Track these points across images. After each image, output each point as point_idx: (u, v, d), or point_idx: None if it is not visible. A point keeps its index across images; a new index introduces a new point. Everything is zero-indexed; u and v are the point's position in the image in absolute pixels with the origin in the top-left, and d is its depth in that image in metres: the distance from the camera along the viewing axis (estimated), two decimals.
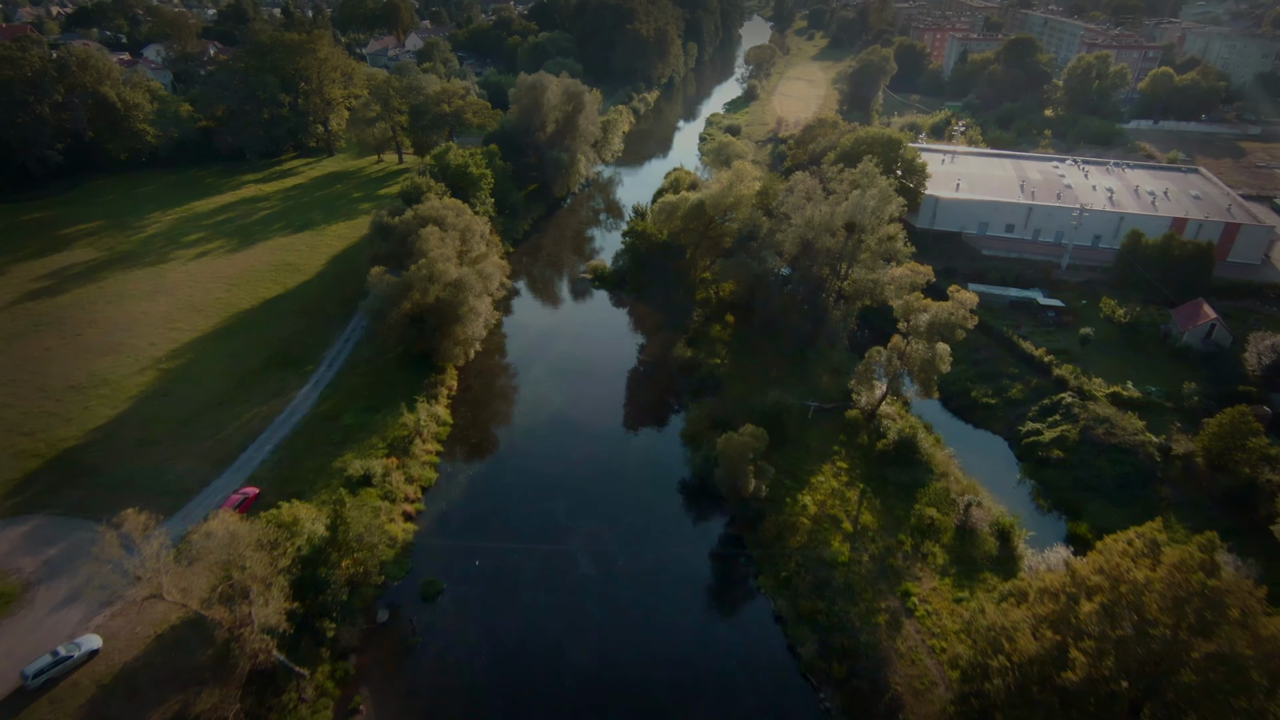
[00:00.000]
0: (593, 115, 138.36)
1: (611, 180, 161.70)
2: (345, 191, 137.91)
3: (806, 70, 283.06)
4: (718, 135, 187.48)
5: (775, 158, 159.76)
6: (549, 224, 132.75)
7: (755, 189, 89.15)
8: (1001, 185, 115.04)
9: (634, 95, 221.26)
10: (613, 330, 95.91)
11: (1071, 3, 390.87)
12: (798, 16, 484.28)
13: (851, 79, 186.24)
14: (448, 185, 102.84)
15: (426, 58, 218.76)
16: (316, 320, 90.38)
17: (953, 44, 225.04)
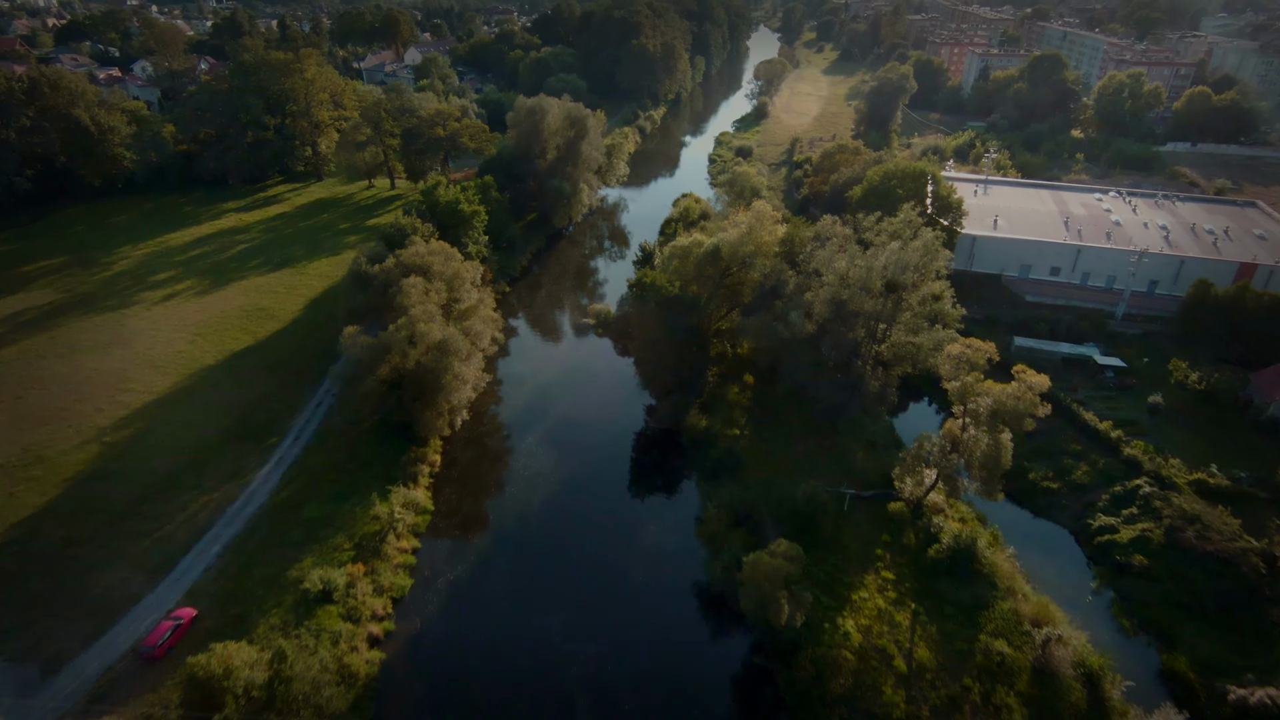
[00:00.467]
0: (596, 140, 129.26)
1: (616, 206, 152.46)
2: (331, 222, 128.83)
3: (818, 85, 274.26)
4: (727, 156, 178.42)
5: (791, 184, 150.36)
6: (549, 257, 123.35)
7: (778, 235, 79.50)
8: (1043, 222, 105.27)
9: (640, 113, 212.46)
10: (617, 389, 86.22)
11: (1088, 14, 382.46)
12: (806, 28, 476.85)
13: (869, 98, 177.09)
14: (437, 224, 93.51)
15: (424, 74, 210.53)
16: (287, 379, 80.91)
17: (972, 60, 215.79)
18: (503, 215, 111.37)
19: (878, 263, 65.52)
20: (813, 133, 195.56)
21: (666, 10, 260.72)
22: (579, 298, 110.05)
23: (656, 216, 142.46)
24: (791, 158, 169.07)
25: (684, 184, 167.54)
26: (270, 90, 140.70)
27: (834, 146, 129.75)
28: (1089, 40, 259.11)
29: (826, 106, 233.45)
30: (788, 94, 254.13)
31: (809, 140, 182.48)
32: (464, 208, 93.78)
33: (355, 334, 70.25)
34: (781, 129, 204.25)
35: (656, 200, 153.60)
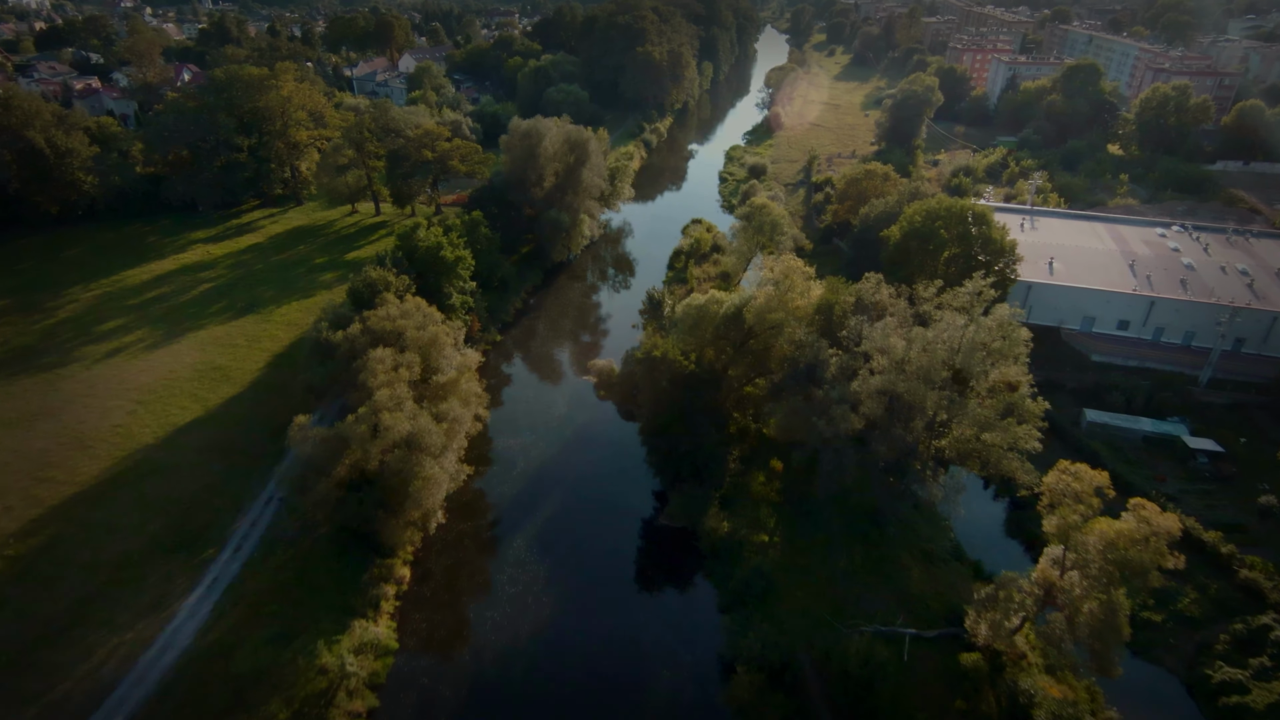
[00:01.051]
0: (599, 165, 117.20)
1: (621, 231, 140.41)
2: (307, 255, 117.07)
3: (831, 92, 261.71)
4: (739, 175, 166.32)
5: (811, 209, 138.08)
6: (547, 296, 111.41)
7: (813, 298, 67.45)
8: (1104, 264, 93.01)
9: (645, 125, 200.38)
10: (621, 467, 74.29)
11: (1108, 16, 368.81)
12: (815, 30, 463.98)
13: (892, 112, 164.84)
14: (416, 272, 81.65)
15: (417, 84, 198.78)
16: (235, 463, 69.18)
17: (999, 68, 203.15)
18: (493, 253, 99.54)
19: (941, 347, 53.40)
20: (830, 147, 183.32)
21: (673, 14, 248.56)
22: (579, 348, 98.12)
23: (665, 243, 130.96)
24: (809, 177, 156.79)
25: (693, 203, 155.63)
26: (243, 108, 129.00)
27: (859, 172, 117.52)
28: (1118, 46, 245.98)
29: (842, 117, 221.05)
30: (800, 102, 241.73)
31: (827, 157, 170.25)
32: (446, 254, 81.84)
33: (306, 426, 58.50)
34: (796, 142, 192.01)
35: (664, 223, 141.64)
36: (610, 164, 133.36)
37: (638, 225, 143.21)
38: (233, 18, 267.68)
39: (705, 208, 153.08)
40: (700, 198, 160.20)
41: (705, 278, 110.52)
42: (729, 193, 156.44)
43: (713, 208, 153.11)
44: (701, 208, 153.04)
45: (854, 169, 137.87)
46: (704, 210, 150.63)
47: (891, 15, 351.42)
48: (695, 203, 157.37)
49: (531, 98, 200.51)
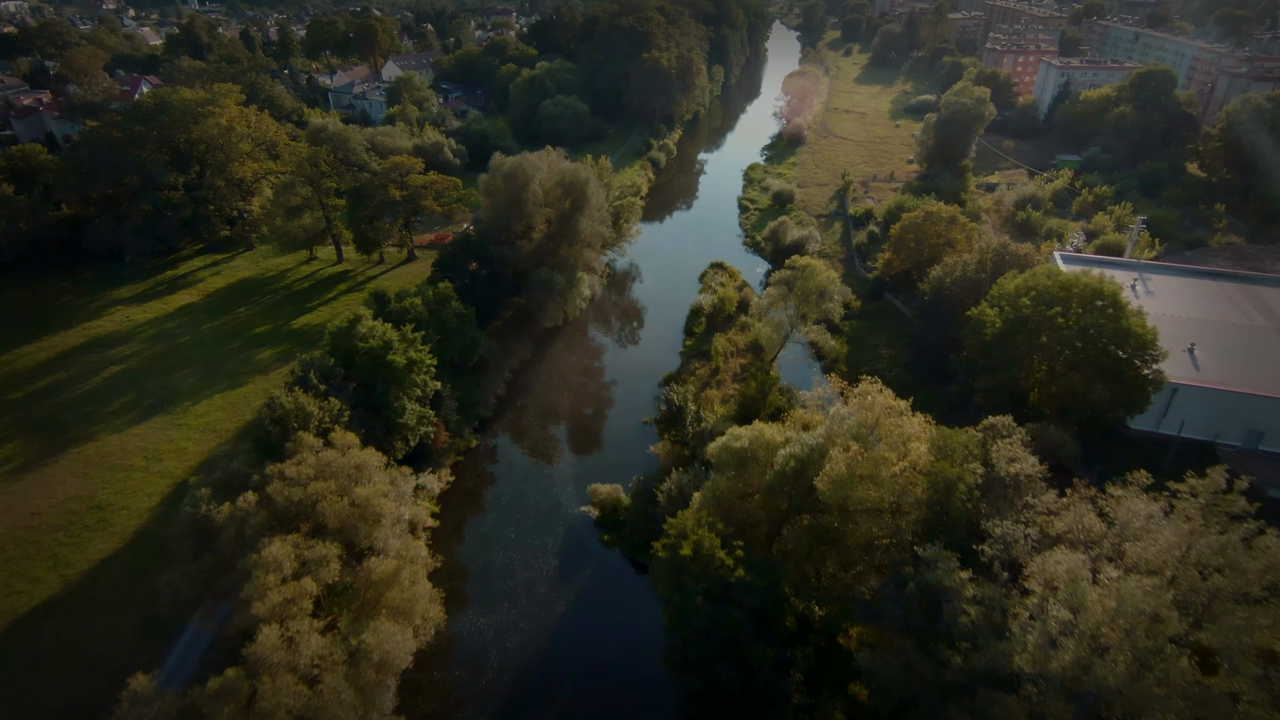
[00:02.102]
0: (600, 207, 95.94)
1: (628, 276, 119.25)
2: (247, 321, 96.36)
3: (854, 98, 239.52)
4: (762, 202, 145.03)
5: (854, 251, 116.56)
6: (537, 375, 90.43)
7: (915, 455, 46.07)
8: (1256, 346, 71.65)
9: (653, 142, 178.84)
10: (635, 684, 53.27)
11: (1146, 10, 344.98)
12: (828, 26, 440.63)
13: (939, 128, 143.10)
14: (359, 384, 60.91)
15: (396, 97, 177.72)
16: (76, 687, 48.56)
17: (1049, 73, 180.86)
18: (469, 330, 78.57)
19: (1164, 593, 32.26)
20: (862, 167, 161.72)
21: (681, 15, 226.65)
22: (576, 453, 77.09)
23: (679, 291, 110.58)
24: (844, 206, 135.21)
25: (709, 234, 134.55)
26: (176, 139, 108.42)
27: (917, 213, 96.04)
28: (1171, 44, 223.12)
29: (870, 128, 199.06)
30: (820, 110, 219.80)
31: (861, 181, 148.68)
32: (396, 359, 60.80)
33: (145, 693, 37.82)
34: (822, 160, 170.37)
35: (678, 265, 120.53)
36: (614, 200, 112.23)
37: (647, 266, 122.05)
38: (203, 22, 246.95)
39: (724, 241, 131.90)
40: (717, 228, 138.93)
41: (732, 350, 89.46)
42: (751, 226, 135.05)
43: (732, 242, 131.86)
44: (720, 240, 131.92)
45: (903, 204, 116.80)
46: (722, 245, 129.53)
47: (914, 12, 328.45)
48: (712, 234, 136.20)
49: (525, 112, 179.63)
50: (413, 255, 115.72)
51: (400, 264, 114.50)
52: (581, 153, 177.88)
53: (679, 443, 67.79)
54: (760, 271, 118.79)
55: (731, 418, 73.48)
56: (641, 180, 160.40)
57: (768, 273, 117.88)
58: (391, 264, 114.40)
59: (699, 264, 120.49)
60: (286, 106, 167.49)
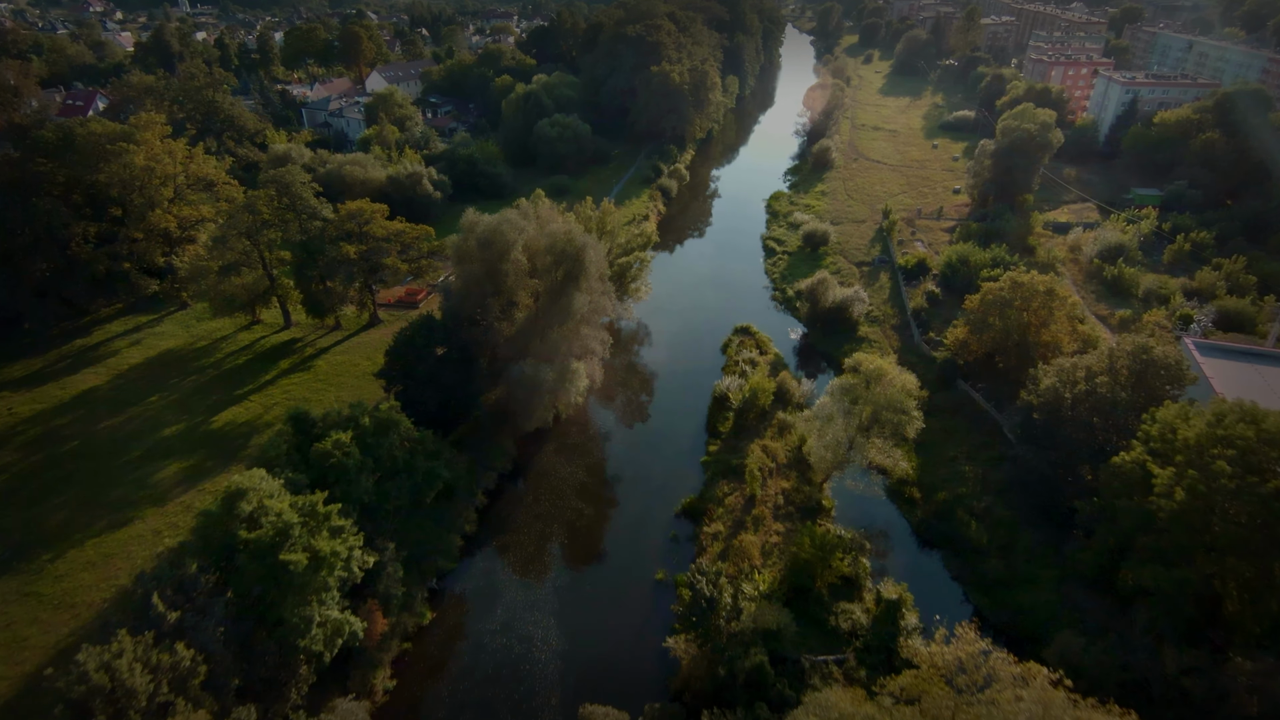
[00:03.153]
0: (599, 273, 75.67)
1: (634, 340, 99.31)
2: (156, 418, 76.61)
3: (882, 112, 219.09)
4: (790, 243, 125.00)
5: (911, 317, 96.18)
6: (515, 500, 70.12)
7: None
8: None
9: (662, 166, 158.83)
10: None
11: (1189, 15, 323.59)
12: (845, 28, 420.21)
13: (996, 159, 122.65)
14: (239, 594, 41.06)
15: (374, 116, 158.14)
16: None
17: (1110, 90, 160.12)
18: (424, 464, 58.62)
19: None
20: (902, 197, 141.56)
21: (693, 22, 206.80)
22: (564, 633, 57.01)
23: (698, 359, 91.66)
24: (891, 254, 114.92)
25: (731, 280, 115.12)
26: (83, 181, 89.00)
27: (1003, 286, 75.64)
28: (1233, 53, 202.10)
29: (904, 148, 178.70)
30: (847, 127, 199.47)
31: (906, 218, 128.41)
32: (294, 558, 40.66)
33: None
34: (855, 187, 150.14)
35: (695, 326, 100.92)
36: (618, 256, 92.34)
37: (659, 326, 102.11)
38: (173, 29, 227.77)
39: (748, 291, 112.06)
40: (739, 274, 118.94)
41: (770, 466, 69.41)
42: (780, 274, 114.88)
43: (757, 293, 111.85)
44: (743, 291, 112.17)
45: (966, 256, 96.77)
46: (747, 296, 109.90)
47: (940, 17, 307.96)
48: (733, 281, 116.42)
49: (519, 133, 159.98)
50: (376, 319, 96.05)
51: (360, 330, 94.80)
52: (583, 178, 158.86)
53: (709, 646, 47.83)
54: (795, 337, 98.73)
55: (778, 594, 53.63)
56: (650, 213, 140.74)
57: (804, 336, 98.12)
58: (350, 330, 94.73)
59: (720, 324, 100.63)
60: (248, 128, 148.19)
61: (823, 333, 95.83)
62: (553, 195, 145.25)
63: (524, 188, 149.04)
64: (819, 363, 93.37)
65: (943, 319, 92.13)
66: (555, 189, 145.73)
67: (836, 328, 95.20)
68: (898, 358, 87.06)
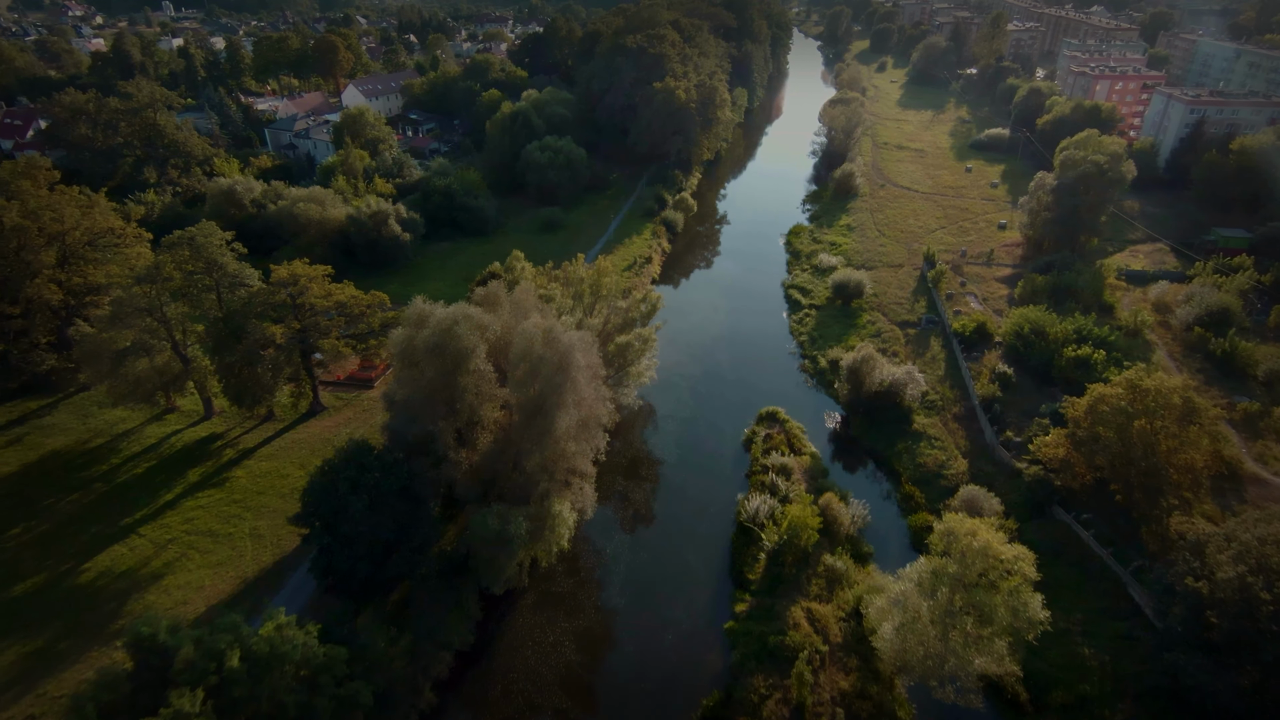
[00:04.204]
0: (592, 376, 57.60)
1: (634, 425, 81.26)
2: (11, 565, 58.64)
3: (904, 128, 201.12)
4: (817, 293, 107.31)
5: (976, 406, 77.91)
6: (475, 702, 52.28)
7: None
8: None
9: (666, 195, 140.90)
10: None
11: (1226, 21, 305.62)
12: (855, 33, 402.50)
13: (1059, 196, 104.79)
14: None
15: (341, 139, 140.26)
16: None
17: (1171, 109, 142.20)
18: (341, 690, 40.73)
19: None
20: (942, 234, 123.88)
21: (698, 30, 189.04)
22: None
23: (715, 455, 72.88)
24: (941, 314, 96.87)
25: (747, 339, 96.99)
26: None
27: (1122, 392, 57.74)
28: None
29: (935, 171, 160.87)
30: (868, 146, 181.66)
31: (951, 262, 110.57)
32: None
33: None
34: (885, 221, 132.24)
35: (707, 397, 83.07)
36: (618, 333, 74.42)
37: (665, 402, 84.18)
38: (134, 39, 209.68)
39: (769, 356, 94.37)
40: (759, 331, 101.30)
41: (820, 651, 51.42)
42: (807, 335, 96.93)
43: (782, 360, 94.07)
44: (764, 356, 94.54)
45: (1040, 326, 78.90)
46: (768, 364, 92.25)
47: (959, 22, 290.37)
48: (751, 340, 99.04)
49: (505, 157, 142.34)
50: (318, 405, 78.04)
51: (299, 421, 76.83)
52: (577, 209, 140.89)
53: None
54: (832, 424, 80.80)
55: None
56: (654, 253, 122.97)
57: (842, 422, 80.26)
58: (285, 421, 76.78)
59: (739, 403, 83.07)
60: (196, 153, 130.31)
61: (867, 422, 77.88)
62: (542, 232, 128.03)
63: (510, 220, 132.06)
64: (864, 461, 75.51)
65: (1020, 411, 74.19)
66: (544, 224, 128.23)
67: (884, 415, 77.27)
68: (968, 465, 69.21)
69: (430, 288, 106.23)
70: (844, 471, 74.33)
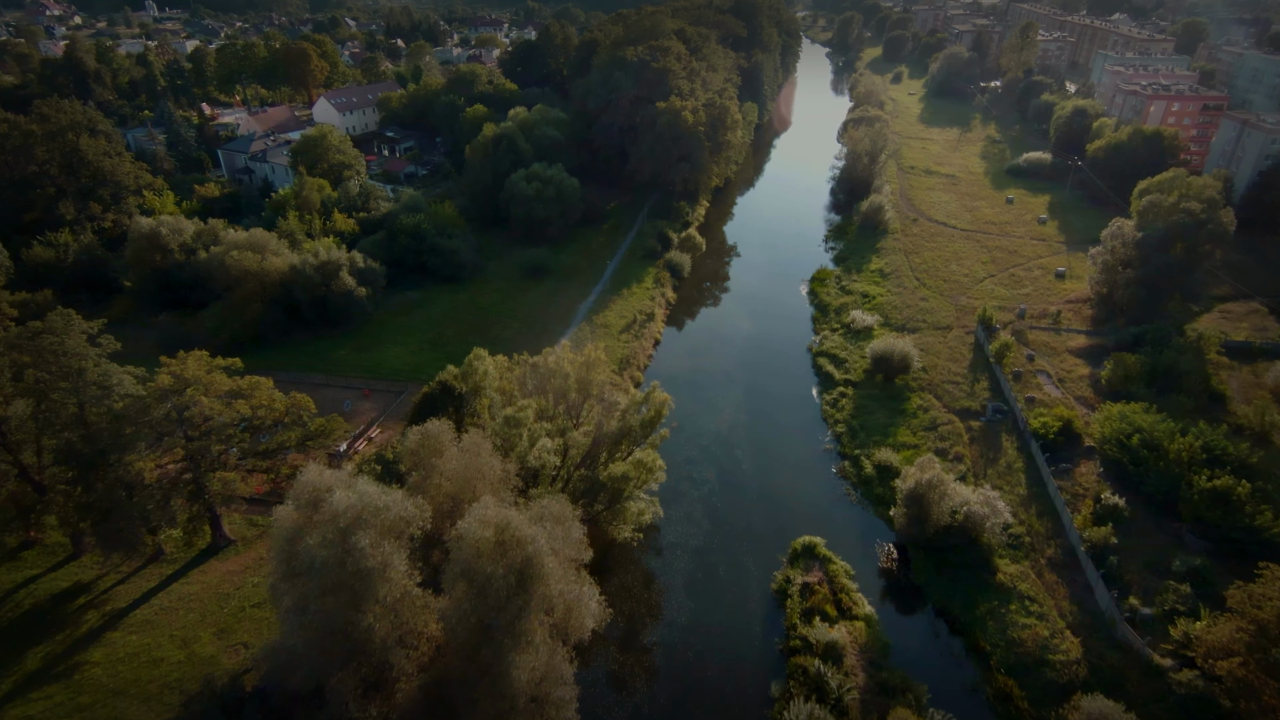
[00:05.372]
0: (566, 585, 39.85)
1: (621, 566, 63.34)
2: None
3: (929, 149, 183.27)
4: (852, 361, 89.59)
5: (1082, 556, 59.74)
6: None
7: None
8: None
9: (671, 234, 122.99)
10: None
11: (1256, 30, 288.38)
12: (866, 40, 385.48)
13: (1144, 252, 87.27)
14: None
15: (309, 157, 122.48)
16: None
17: (1245, 136, 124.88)
18: None
19: None
20: (992, 285, 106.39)
21: (705, 40, 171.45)
22: None
23: (735, 614, 55.00)
24: (1012, 406, 78.97)
25: (770, 420, 78.99)
26: None
27: None
28: None
29: (971, 202, 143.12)
30: (893, 170, 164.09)
31: (1012, 326, 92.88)
32: None
33: None
34: (923, 266, 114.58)
35: (720, 505, 65.31)
36: (613, 456, 56.79)
37: (671, 521, 66.41)
38: (89, 45, 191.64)
39: (797, 450, 76.83)
40: (783, 414, 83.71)
41: None
42: (845, 427, 79.01)
43: (813, 458, 76.49)
44: (791, 448, 77.08)
45: (1151, 437, 61.46)
46: (797, 463, 74.49)
47: (981, 31, 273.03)
48: (774, 420, 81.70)
49: (487, 187, 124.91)
50: (222, 540, 60.16)
51: (197, 560, 58.94)
52: (567, 249, 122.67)
53: None
54: (886, 561, 62.99)
55: None
56: (657, 306, 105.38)
57: (898, 560, 62.56)
58: (176, 563, 58.92)
59: (764, 524, 65.77)
60: (126, 183, 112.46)
61: (933, 565, 60.10)
62: (526, 279, 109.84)
63: (491, 263, 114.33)
64: (932, 623, 57.76)
65: (1141, 561, 56.52)
66: (530, 268, 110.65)
67: (957, 557, 59.57)
68: (1082, 647, 51.41)
69: (389, 355, 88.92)
70: (905, 635, 56.60)
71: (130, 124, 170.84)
